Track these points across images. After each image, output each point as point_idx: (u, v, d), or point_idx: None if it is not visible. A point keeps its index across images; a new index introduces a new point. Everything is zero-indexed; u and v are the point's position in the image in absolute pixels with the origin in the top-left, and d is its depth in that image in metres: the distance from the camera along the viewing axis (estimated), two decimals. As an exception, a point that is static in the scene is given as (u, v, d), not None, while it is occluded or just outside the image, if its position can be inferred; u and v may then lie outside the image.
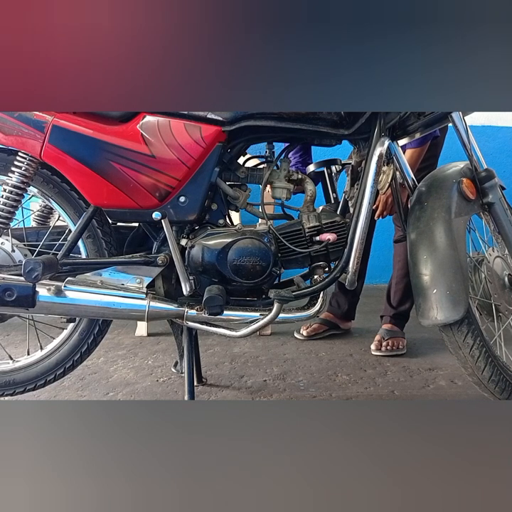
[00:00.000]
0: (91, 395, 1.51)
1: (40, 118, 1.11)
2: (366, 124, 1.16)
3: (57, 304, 1.14)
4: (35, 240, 1.26)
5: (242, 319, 1.16)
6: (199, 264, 1.16)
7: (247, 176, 1.23)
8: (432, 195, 1.20)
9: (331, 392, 1.53)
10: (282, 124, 1.14)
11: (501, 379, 1.16)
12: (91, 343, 1.27)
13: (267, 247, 1.15)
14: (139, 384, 1.59)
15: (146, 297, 1.15)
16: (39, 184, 1.21)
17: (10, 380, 1.26)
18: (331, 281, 1.17)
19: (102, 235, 1.22)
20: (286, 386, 1.58)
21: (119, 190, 1.13)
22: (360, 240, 1.14)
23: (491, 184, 1.22)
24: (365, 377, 1.65)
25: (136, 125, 1.12)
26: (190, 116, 1.12)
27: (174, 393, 1.52)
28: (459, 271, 1.11)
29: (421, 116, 1.25)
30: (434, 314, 1.11)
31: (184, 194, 1.15)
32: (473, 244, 1.29)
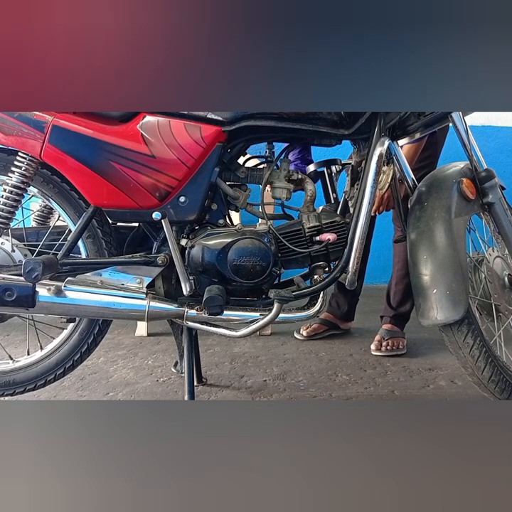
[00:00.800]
0: (91, 395, 1.51)
1: (40, 118, 1.11)
2: (366, 124, 1.16)
3: (57, 304, 1.14)
4: (35, 240, 1.26)
5: (242, 319, 1.16)
6: (199, 264, 1.16)
7: (247, 175, 1.23)
8: (432, 195, 1.20)
9: (331, 392, 1.53)
10: (282, 124, 1.14)
11: (501, 379, 1.16)
12: (91, 343, 1.27)
13: (267, 247, 1.15)
14: (139, 384, 1.59)
15: (146, 297, 1.16)
16: (39, 184, 1.21)
17: (10, 380, 1.26)
18: (331, 281, 1.17)
19: (102, 235, 1.22)
20: (286, 386, 1.58)
21: (119, 190, 1.13)
22: (360, 240, 1.14)
23: (491, 184, 1.22)
24: (365, 377, 1.65)
25: (136, 125, 1.12)
26: (190, 116, 1.13)
27: (174, 393, 1.52)
28: (459, 271, 1.12)
29: (421, 116, 1.25)
30: (434, 314, 1.11)
31: (184, 194, 1.15)
32: (473, 244, 1.29)
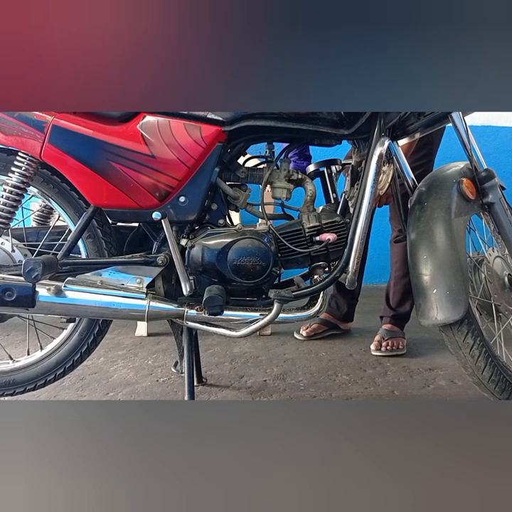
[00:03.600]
0: (91, 395, 1.51)
1: (40, 118, 1.11)
2: (366, 124, 1.16)
3: (57, 304, 1.14)
4: (35, 240, 1.26)
5: (242, 319, 1.16)
6: (199, 264, 1.16)
7: (247, 175, 1.23)
8: (431, 195, 1.20)
9: (331, 392, 1.53)
10: (282, 124, 1.14)
11: (501, 379, 1.16)
12: (91, 343, 1.27)
13: (267, 247, 1.15)
14: (139, 384, 1.59)
15: (146, 297, 1.15)
16: (39, 184, 1.21)
17: (10, 380, 1.26)
18: (331, 281, 1.17)
19: (102, 235, 1.22)
20: (286, 386, 1.58)
21: (119, 190, 1.13)
22: (360, 240, 1.14)
23: (491, 184, 1.22)
24: (365, 377, 1.65)
25: (136, 125, 1.12)
26: (190, 116, 1.13)
27: (174, 393, 1.52)
28: (459, 271, 1.12)
29: (421, 116, 1.25)
30: (434, 314, 1.11)
31: (184, 194, 1.15)
32: (473, 244, 1.29)
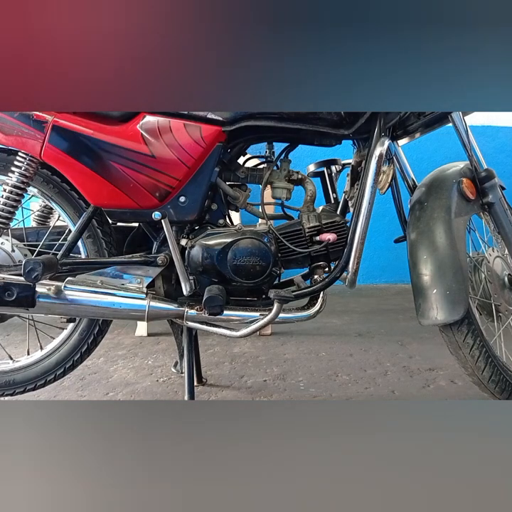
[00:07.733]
0: (91, 395, 1.51)
1: (40, 118, 1.11)
2: (366, 124, 1.16)
3: (57, 304, 1.14)
4: (35, 240, 1.26)
5: (242, 319, 1.16)
6: (199, 264, 1.16)
7: (247, 175, 1.23)
8: (432, 195, 1.20)
9: (331, 392, 1.53)
10: (282, 124, 1.14)
11: (501, 379, 1.16)
12: (91, 343, 1.27)
13: (267, 247, 1.15)
14: (139, 384, 1.59)
15: (146, 297, 1.15)
16: (39, 184, 1.21)
17: (10, 380, 1.26)
18: (331, 281, 1.17)
19: (102, 235, 1.22)
20: (286, 386, 1.58)
21: (119, 190, 1.13)
22: (360, 240, 1.14)
23: (491, 184, 1.22)
24: (365, 377, 1.65)
25: (136, 125, 1.12)
26: (190, 116, 1.13)
27: (174, 393, 1.52)
28: (459, 271, 1.12)
29: (421, 116, 1.25)
30: (434, 314, 1.11)
31: (184, 194, 1.15)
32: (473, 244, 1.29)
